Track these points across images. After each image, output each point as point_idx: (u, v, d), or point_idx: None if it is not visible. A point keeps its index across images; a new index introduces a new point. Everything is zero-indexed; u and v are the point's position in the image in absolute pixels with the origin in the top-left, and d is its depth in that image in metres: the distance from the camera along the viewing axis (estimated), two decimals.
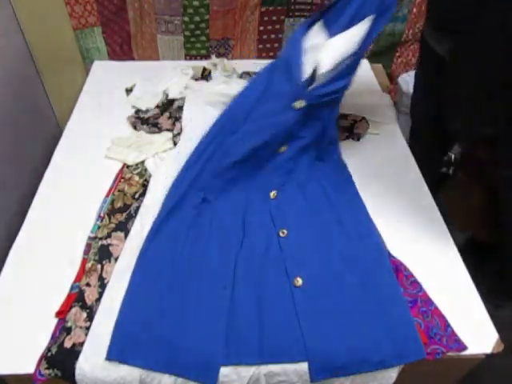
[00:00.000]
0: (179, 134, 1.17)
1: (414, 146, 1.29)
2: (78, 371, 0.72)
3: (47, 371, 0.73)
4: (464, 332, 0.81)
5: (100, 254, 0.89)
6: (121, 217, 0.96)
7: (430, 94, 1.20)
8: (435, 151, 1.38)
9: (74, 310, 0.80)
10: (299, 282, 0.82)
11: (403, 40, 1.62)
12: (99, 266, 0.86)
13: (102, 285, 0.84)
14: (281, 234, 0.91)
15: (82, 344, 0.75)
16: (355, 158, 1.16)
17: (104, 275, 0.85)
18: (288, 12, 1.47)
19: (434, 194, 1.08)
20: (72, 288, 0.84)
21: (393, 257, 0.92)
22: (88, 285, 0.84)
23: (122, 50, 1.51)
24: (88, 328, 0.77)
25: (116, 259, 0.88)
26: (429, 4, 1.10)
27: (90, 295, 0.82)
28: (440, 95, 1.11)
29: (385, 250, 0.91)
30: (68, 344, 0.75)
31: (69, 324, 0.78)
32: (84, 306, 0.80)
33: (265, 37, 1.53)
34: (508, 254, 1.29)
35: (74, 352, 0.74)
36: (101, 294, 0.82)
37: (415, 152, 1.20)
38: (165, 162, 1.08)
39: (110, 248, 0.89)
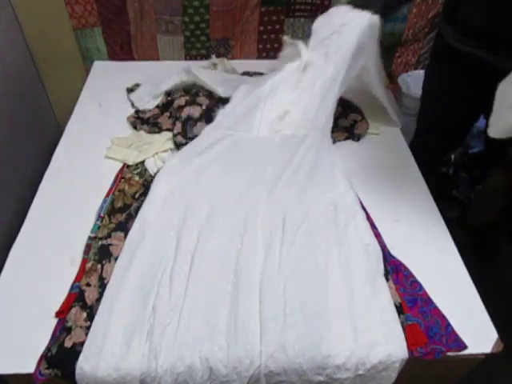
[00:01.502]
0: (179, 133, 1.17)
1: (415, 146, 1.29)
2: (78, 371, 0.72)
3: (47, 371, 0.73)
4: (464, 332, 0.81)
5: (100, 254, 0.89)
6: (121, 217, 0.96)
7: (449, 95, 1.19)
8: (438, 152, 1.38)
9: (73, 309, 0.80)
10: None
11: (403, 40, 1.62)
12: (99, 266, 0.87)
13: (102, 285, 0.84)
14: None
15: (82, 344, 0.75)
16: (355, 158, 1.16)
17: (104, 275, 0.85)
18: (288, 12, 1.47)
19: (434, 193, 1.08)
20: (72, 288, 0.84)
21: (392, 257, 0.92)
22: (88, 285, 0.84)
23: (122, 50, 1.51)
24: (88, 328, 0.77)
25: (116, 259, 0.88)
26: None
27: (90, 295, 0.82)
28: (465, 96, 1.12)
29: None
30: (68, 344, 0.75)
31: (69, 324, 0.78)
32: (84, 306, 0.80)
33: (265, 37, 1.53)
34: None
35: (74, 352, 0.74)
36: (101, 294, 0.82)
37: (416, 152, 1.20)
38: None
39: (110, 248, 0.89)
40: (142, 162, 1.11)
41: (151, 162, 1.11)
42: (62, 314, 0.80)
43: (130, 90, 1.35)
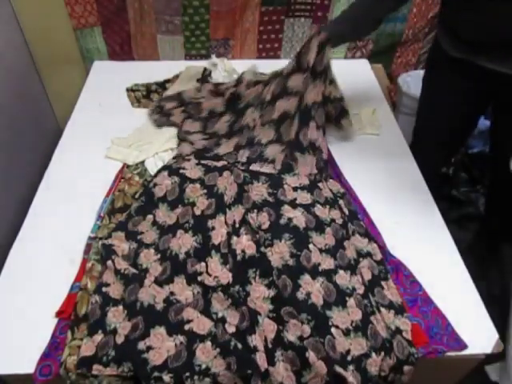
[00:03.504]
0: (186, 132, 1.16)
1: (415, 146, 1.29)
2: None
3: (120, 369, 0.72)
4: (464, 332, 0.81)
5: (105, 252, 0.88)
6: (121, 217, 0.96)
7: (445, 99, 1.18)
8: (439, 152, 1.38)
9: (109, 314, 0.79)
10: None
11: (403, 40, 1.62)
12: (110, 263, 0.85)
13: (123, 276, 0.83)
14: None
15: (132, 331, 0.76)
16: (355, 157, 1.16)
17: (118, 267, 0.85)
18: (288, 12, 1.47)
19: (434, 193, 1.08)
20: (72, 288, 0.84)
21: (393, 257, 0.92)
22: (107, 285, 0.83)
23: (122, 49, 1.51)
24: (128, 314, 0.78)
25: (121, 257, 0.87)
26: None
27: (114, 291, 0.82)
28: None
29: None
30: (120, 340, 0.75)
31: (111, 327, 0.77)
32: (116, 304, 0.80)
33: (265, 37, 1.53)
34: None
35: (130, 341, 0.75)
36: (126, 285, 0.82)
37: (416, 152, 1.20)
38: None
39: (113, 248, 0.89)
40: (142, 162, 1.11)
41: (151, 162, 1.11)
42: (61, 313, 0.80)
43: (130, 90, 1.35)
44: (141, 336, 0.76)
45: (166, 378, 0.72)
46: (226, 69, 1.42)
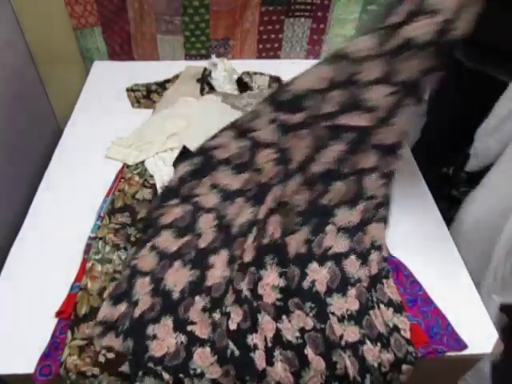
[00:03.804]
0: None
1: (417, 146, 1.29)
2: None
3: (123, 346, 0.74)
4: (464, 332, 0.81)
5: (152, 225, 0.89)
6: (121, 217, 0.96)
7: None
8: (440, 152, 1.38)
9: (137, 284, 0.80)
10: None
11: None
12: (150, 244, 0.86)
13: (159, 252, 0.85)
14: None
15: (149, 310, 0.77)
16: None
17: (157, 245, 0.86)
18: (288, 12, 1.47)
19: (434, 193, 1.08)
20: (72, 288, 0.84)
21: (393, 257, 0.92)
22: (136, 258, 0.84)
23: (122, 49, 1.51)
24: (153, 290, 0.79)
25: (169, 226, 0.88)
26: None
27: (144, 264, 0.83)
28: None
29: None
30: (137, 313, 0.77)
31: (135, 298, 0.79)
32: (143, 275, 0.81)
33: (265, 37, 1.53)
34: None
35: (143, 321, 0.76)
36: (160, 260, 0.84)
37: (416, 152, 1.20)
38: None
39: (162, 218, 0.90)
40: (142, 162, 1.11)
41: (151, 162, 1.11)
42: (61, 313, 0.80)
43: (130, 90, 1.35)
44: (152, 320, 0.77)
45: (166, 375, 0.72)
46: (226, 69, 1.42)
